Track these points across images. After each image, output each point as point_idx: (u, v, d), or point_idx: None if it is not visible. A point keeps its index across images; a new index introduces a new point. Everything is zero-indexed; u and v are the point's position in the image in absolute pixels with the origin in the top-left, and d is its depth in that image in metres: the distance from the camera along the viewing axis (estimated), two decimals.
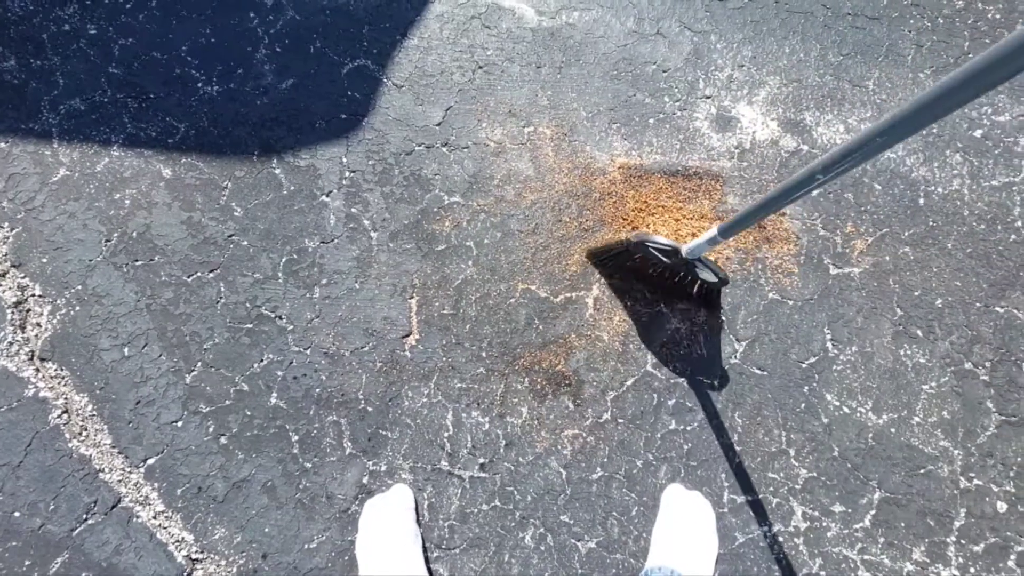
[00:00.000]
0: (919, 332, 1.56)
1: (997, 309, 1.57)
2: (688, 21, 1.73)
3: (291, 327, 1.53)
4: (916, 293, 1.58)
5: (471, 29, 1.71)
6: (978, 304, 1.58)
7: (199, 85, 1.66)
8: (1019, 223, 1.63)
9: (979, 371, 1.54)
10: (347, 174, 1.62)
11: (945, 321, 1.56)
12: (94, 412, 1.50)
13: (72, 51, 1.69)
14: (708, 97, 1.68)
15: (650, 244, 1.38)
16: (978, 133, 1.68)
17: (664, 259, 1.39)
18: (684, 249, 1.33)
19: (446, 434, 1.49)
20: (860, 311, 1.56)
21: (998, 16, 1.76)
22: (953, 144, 1.67)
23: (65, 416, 1.50)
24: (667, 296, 1.56)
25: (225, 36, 1.69)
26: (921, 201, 1.63)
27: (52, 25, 1.71)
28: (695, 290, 1.51)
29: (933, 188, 1.64)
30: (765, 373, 1.53)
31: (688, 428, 1.50)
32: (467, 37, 1.71)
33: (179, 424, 1.48)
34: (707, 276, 1.41)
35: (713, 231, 1.21)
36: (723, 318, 1.55)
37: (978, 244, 1.61)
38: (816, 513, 1.46)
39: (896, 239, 1.61)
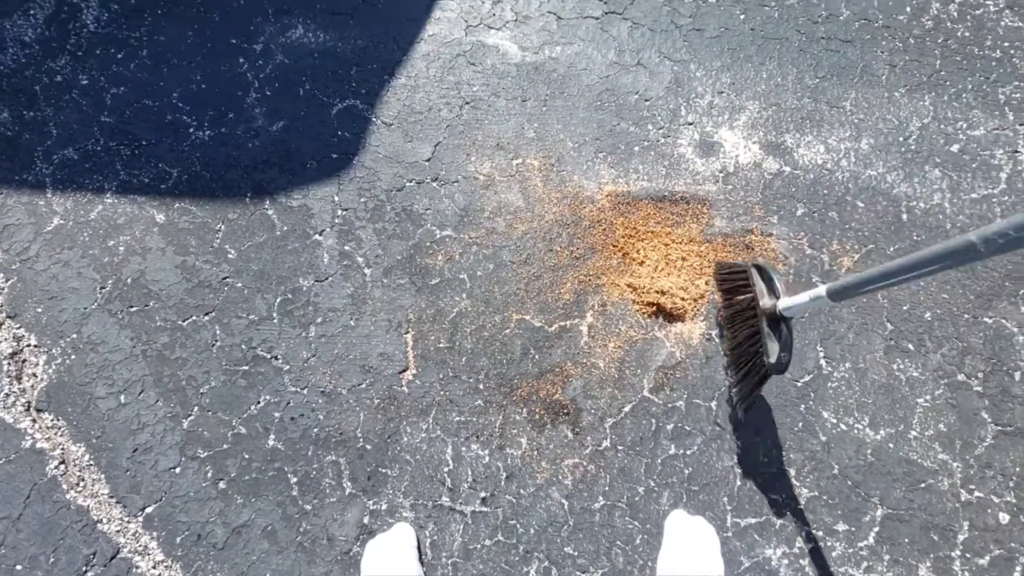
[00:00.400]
0: (910, 346, 1.58)
1: (986, 320, 1.59)
2: (667, 51, 1.78)
3: (287, 367, 1.54)
4: (905, 307, 1.60)
5: (457, 67, 1.75)
6: (966, 316, 1.60)
7: (191, 130, 1.69)
8: None
9: (972, 382, 1.55)
10: (339, 212, 1.64)
11: (935, 334, 1.58)
12: (91, 462, 1.49)
13: (65, 102, 1.72)
14: (690, 123, 1.72)
15: (768, 269, 1.25)
16: (955, 148, 1.72)
17: (763, 295, 1.25)
18: (781, 303, 1.16)
19: (446, 469, 1.48)
20: (851, 327, 1.58)
21: (967, 34, 1.81)
22: (932, 160, 1.71)
23: (62, 467, 1.49)
24: (731, 354, 1.49)
25: (216, 82, 1.73)
26: (904, 216, 1.66)
27: (44, 77, 1.74)
28: (748, 364, 1.35)
29: (915, 203, 1.67)
30: (761, 394, 1.53)
31: (688, 452, 1.50)
32: (453, 74, 1.75)
33: (177, 470, 1.47)
34: (772, 346, 1.21)
35: (820, 290, 1.00)
36: (716, 340, 1.57)
37: None
38: (820, 533, 1.46)
39: (882, 255, 1.63)
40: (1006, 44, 1.82)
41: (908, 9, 1.82)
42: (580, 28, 1.79)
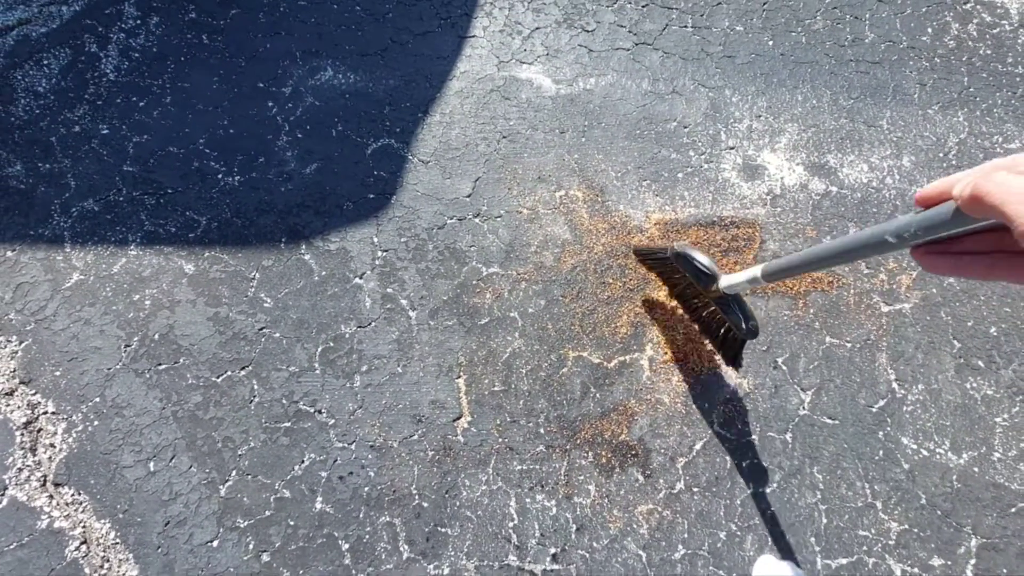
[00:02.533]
0: (980, 363, 1.52)
1: None
2: (701, 78, 1.77)
3: (332, 421, 1.42)
4: (969, 323, 1.55)
5: (491, 102, 1.73)
6: None
7: (219, 176, 1.62)
8: None
9: None
10: (379, 254, 1.56)
11: (1004, 349, 1.53)
12: (117, 540, 1.34)
13: (84, 152, 1.64)
14: (732, 148, 1.70)
15: (691, 258, 1.27)
16: None
17: (698, 280, 1.28)
18: (722, 281, 1.22)
19: (511, 524, 1.36)
20: (919, 347, 1.53)
21: (989, 52, 1.85)
22: None
23: (84, 547, 1.34)
24: (698, 326, 1.49)
25: (244, 126, 1.67)
26: None
27: (61, 127, 1.67)
28: (721, 331, 1.38)
29: None
30: (837, 422, 1.46)
31: (768, 490, 1.40)
32: (488, 110, 1.72)
33: (215, 544, 1.33)
34: (733, 318, 1.26)
35: (756, 270, 1.08)
36: (784, 367, 1.50)
37: None
38: (916, 570, 1.36)
39: None
40: None
41: (929, 30, 1.86)
42: (612, 59, 1.79)
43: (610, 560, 1.34)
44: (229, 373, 1.45)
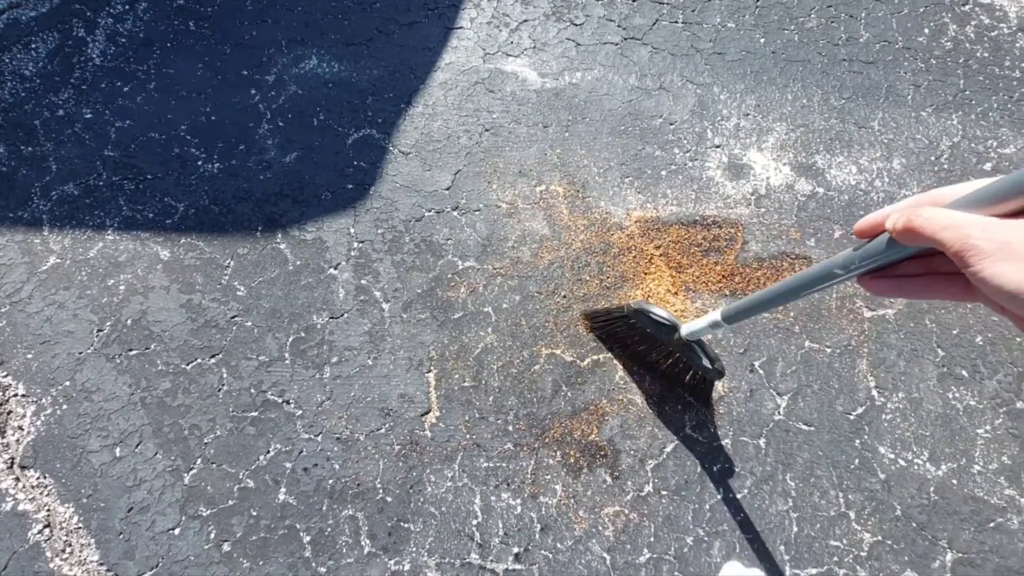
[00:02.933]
0: (964, 372, 1.48)
1: None
2: (689, 75, 1.74)
3: (300, 412, 1.41)
4: (955, 331, 1.52)
5: (475, 94, 1.71)
6: (1019, 339, 1.51)
7: (199, 163, 1.62)
8: None
9: None
10: (355, 245, 1.55)
11: (989, 359, 1.50)
12: (80, 524, 1.34)
13: (66, 136, 1.64)
14: (718, 146, 1.67)
15: (650, 314, 1.26)
16: (988, 166, 1.68)
17: (659, 333, 1.28)
18: (683, 330, 1.21)
19: (475, 521, 1.35)
20: (901, 354, 1.49)
21: (986, 55, 1.80)
22: (966, 178, 1.66)
23: (47, 531, 1.34)
24: (660, 380, 1.46)
25: (226, 113, 1.67)
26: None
27: (45, 111, 1.67)
28: (687, 377, 1.37)
29: None
30: (812, 428, 1.43)
31: (738, 496, 1.37)
32: (472, 102, 1.70)
33: (176, 532, 1.33)
34: (700, 363, 1.27)
35: (716, 315, 1.08)
36: (761, 371, 1.47)
37: None
38: None
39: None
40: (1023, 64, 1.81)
41: (926, 31, 1.81)
42: (600, 54, 1.76)
43: (573, 562, 1.32)
44: (199, 360, 1.45)
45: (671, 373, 1.41)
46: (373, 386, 1.44)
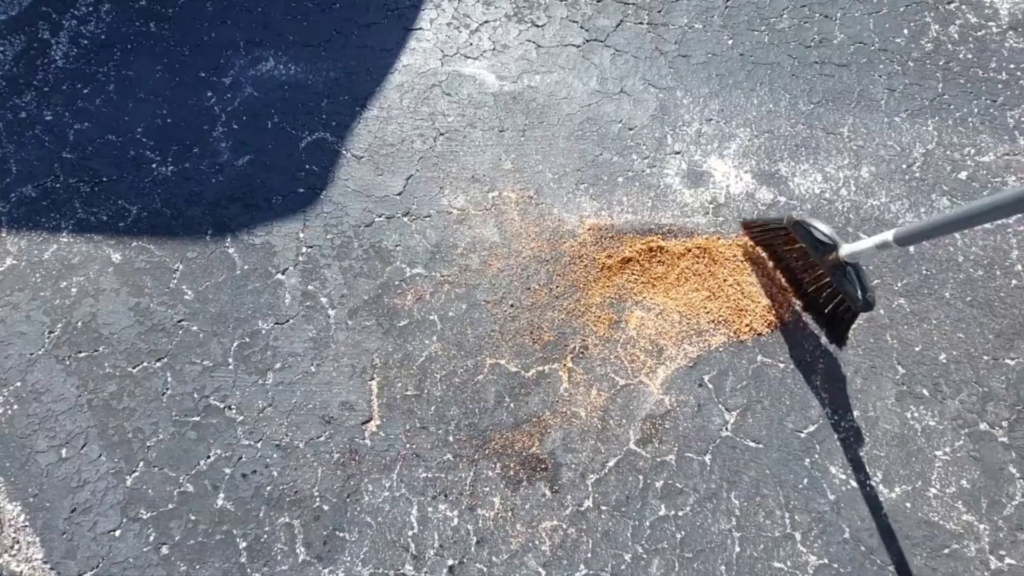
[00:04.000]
0: (925, 391, 1.43)
1: (1007, 361, 1.45)
2: (652, 78, 1.69)
3: (241, 418, 1.42)
4: (917, 348, 1.46)
5: (432, 97, 1.68)
6: (986, 357, 1.45)
7: (153, 166, 1.62)
8: (1019, 267, 1.52)
9: (996, 431, 1.40)
10: (304, 250, 1.54)
11: (952, 378, 1.44)
12: (27, 522, 1.36)
13: (27, 138, 1.66)
14: (677, 152, 1.62)
15: (810, 227, 1.25)
16: (963, 175, 1.60)
17: (816, 250, 1.26)
18: (843, 250, 1.19)
19: (410, 532, 1.34)
20: (858, 371, 1.44)
21: (970, 56, 1.72)
22: (939, 187, 1.59)
23: None
24: (803, 303, 1.45)
25: (182, 116, 1.67)
26: (911, 249, 1.54)
27: (8, 113, 1.69)
28: (830, 306, 1.35)
29: None
30: (761, 446, 1.39)
31: (680, 513, 1.34)
32: (428, 105, 1.67)
33: (117, 533, 1.34)
34: (849, 290, 1.25)
35: (887, 235, 1.07)
36: (710, 385, 1.43)
37: (978, 292, 1.50)
38: None
39: (889, 291, 1.50)
40: (1012, 66, 1.72)
41: (905, 32, 1.74)
42: (560, 56, 1.72)
43: (508, 575, 1.31)
44: (145, 364, 1.46)
45: (815, 299, 1.40)
46: (315, 393, 1.44)
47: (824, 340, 1.46)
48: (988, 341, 1.46)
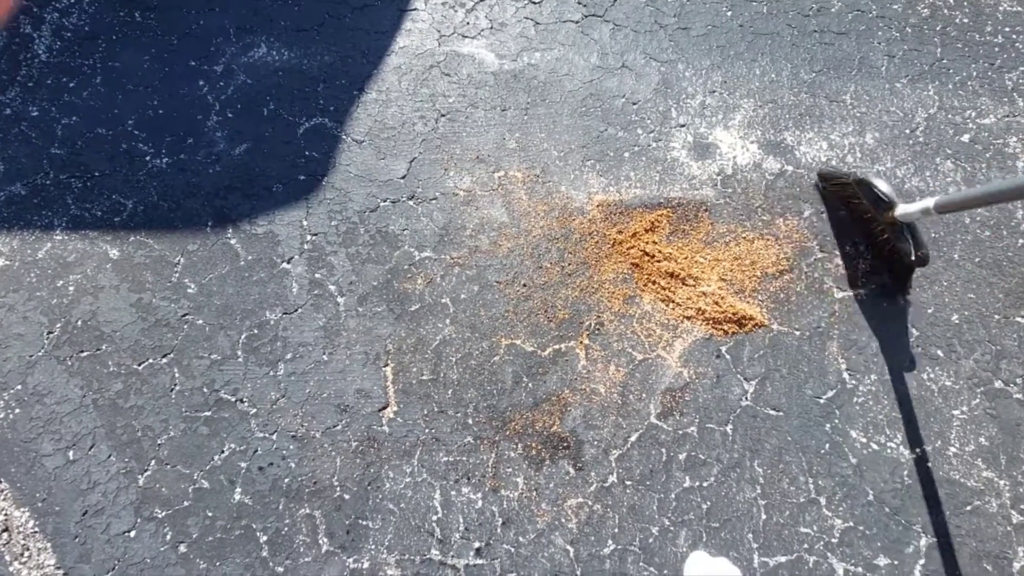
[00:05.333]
0: (939, 352, 1.43)
1: (1018, 319, 1.46)
2: (653, 52, 1.68)
3: (254, 410, 1.38)
4: (929, 310, 1.46)
5: (431, 78, 1.65)
6: (997, 316, 1.46)
7: (147, 159, 1.57)
8: None
9: (1011, 388, 1.41)
10: (308, 238, 1.51)
11: (965, 338, 1.44)
12: (36, 528, 1.32)
13: (13, 135, 1.60)
14: (682, 125, 1.61)
15: (872, 185, 1.35)
16: (966, 138, 1.61)
17: (875, 207, 1.36)
18: (897, 210, 1.29)
19: (435, 517, 1.32)
20: (873, 335, 1.44)
21: (966, 20, 1.73)
22: (942, 151, 1.59)
23: (6, 535, 1.32)
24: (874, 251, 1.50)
25: (174, 106, 1.62)
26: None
27: None
28: (889, 252, 1.44)
29: None
30: (781, 413, 1.39)
31: (704, 484, 1.34)
32: (427, 86, 1.64)
33: (132, 534, 1.31)
34: (903, 246, 1.35)
35: (929, 202, 1.16)
36: (727, 356, 1.42)
37: (986, 252, 1.51)
38: (859, 569, 1.29)
39: None
40: (1007, 29, 1.73)
41: None
42: (559, 32, 1.70)
43: (536, 555, 1.29)
44: (151, 360, 1.42)
45: (879, 245, 1.47)
46: (328, 382, 1.41)
47: (838, 307, 1.46)
48: (998, 300, 1.47)
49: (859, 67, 1.67)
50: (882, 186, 1.33)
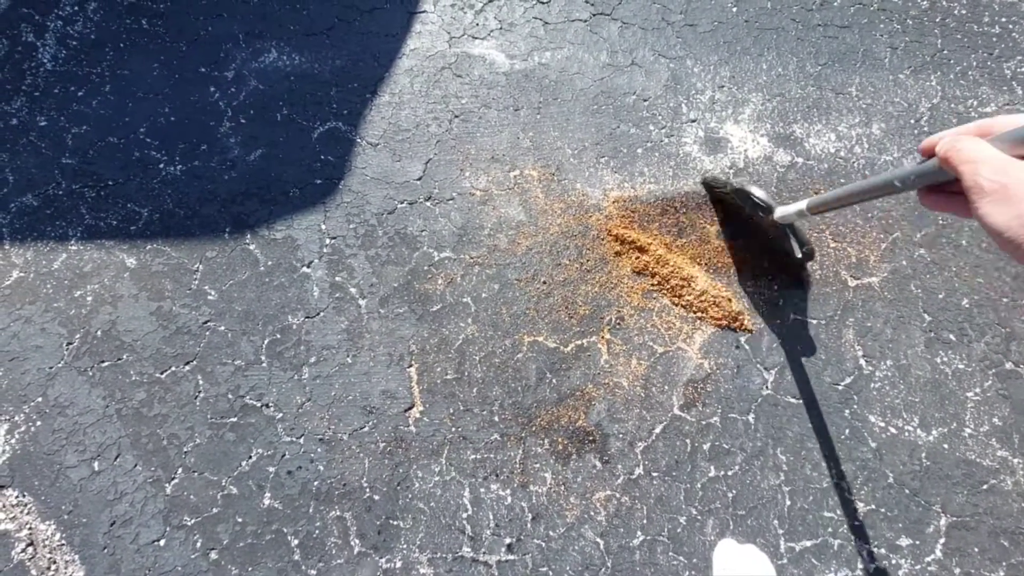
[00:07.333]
0: (952, 336, 1.47)
1: None
2: (661, 49, 1.70)
3: (280, 415, 1.38)
4: (940, 296, 1.50)
5: (443, 80, 1.66)
6: (1005, 299, 1.50)
7: (161, 166, 1.56)
8: None
9: (1021, 369, 1.45)
10: (327, 241, 1.51)
11: (976, 321, 1.48)
12: (63, 541, 1.31)
13: (21, 145, 1.58)
14: (693, 121, 1.63)
15: (750, 194, 1.36)
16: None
17: (756, 212, 1.38)
18: (777, 212, 1.31)
19: (465, 515, 1.33)
20: (887, 322, 1.47)
21: (964, 12, 1.76)
22: None
23: (31, 549, 1.31)
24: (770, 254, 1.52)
25: (185, 113, 1.61)
26: None
27: None
28: (779, 253, 1.46)
29: None
30: (801, 401, 1.41)
31: (729, 473, 1.36)
32: (439, 88, 1.65)
33: (161, 543, 1.30)
34: (788, 246, 1.37)
35: (802, 204, 1.19)
36: (747, 347, 1.45)
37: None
38: (883, 551, 1.32)
39: (908, 242, 1.54)
40: (1003, 19, 1.77)
41: None
42: (568, 31, 1.71)
43: (567, 549, 1.31)
44: (173, 368, 1.41)
45: (767, 247, 1.50)
46: (354, 384, 1.41)
47: (851, 295, 1.49)
48: (1006, 284, 1.51)
49: (863, 59, 1.70)
50: (758, 193, 1.35)
